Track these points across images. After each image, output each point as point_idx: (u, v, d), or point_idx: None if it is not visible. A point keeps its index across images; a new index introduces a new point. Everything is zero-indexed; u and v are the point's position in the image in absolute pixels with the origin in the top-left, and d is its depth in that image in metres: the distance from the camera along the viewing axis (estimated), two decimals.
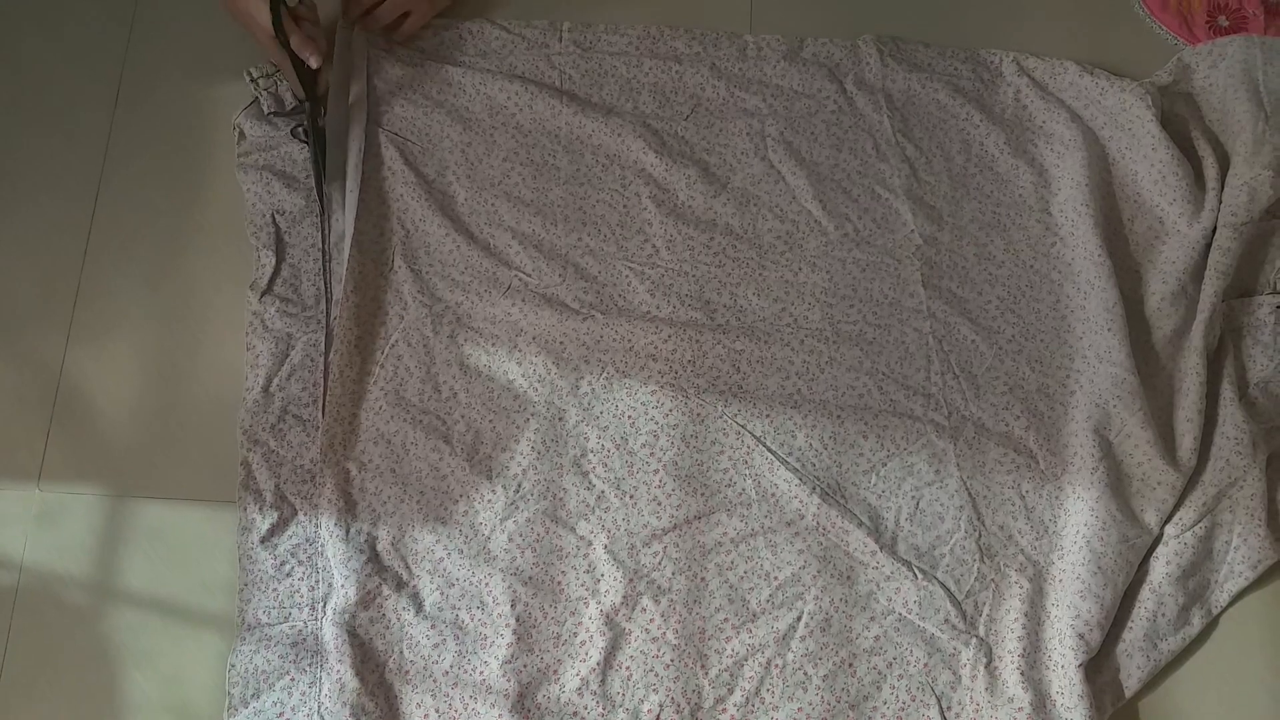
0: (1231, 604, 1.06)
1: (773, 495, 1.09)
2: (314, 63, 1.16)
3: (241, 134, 1.26)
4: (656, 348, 1.15)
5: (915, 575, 1.05)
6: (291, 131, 1.23)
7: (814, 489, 1.08)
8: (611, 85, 1.28)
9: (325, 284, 1.17)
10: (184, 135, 1.28)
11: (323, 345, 1.16)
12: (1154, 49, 1.32)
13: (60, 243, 1.23)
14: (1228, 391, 1.11)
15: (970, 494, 1.08)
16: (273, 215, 1.22)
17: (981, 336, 1.16)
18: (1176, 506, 1.07)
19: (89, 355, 1.19)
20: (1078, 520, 1.06)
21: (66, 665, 1.08)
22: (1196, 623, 1.04)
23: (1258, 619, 1.07)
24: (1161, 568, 1.05)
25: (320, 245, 1.19)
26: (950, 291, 1.19)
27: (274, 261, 1.19)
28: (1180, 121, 1.24)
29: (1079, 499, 1.07)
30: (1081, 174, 1.20)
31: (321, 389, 1.14)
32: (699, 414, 1.12)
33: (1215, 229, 1.17)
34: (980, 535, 1.06)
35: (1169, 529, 1.06)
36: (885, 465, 1.10)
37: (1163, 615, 1.04)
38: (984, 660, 1.03)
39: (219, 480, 1.13)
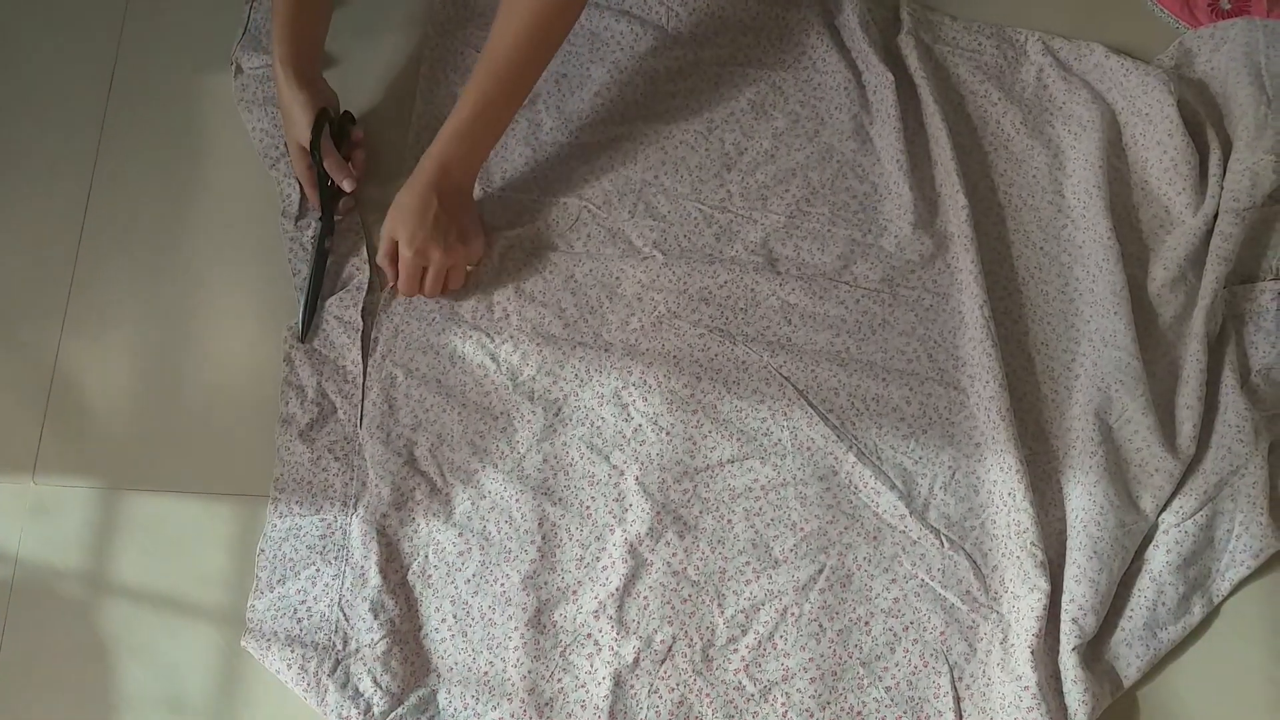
0: (1233, 593, 1.07)
1: (808, 449, 1.10)
2: (348, 186, 1.17)
3: (239, 68, 1.27)
4: (711, 292, 1.16)
5: (942, 543, 1.06)
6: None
7: (850, 447, 1.09)
8: (711, 25, 1.29)
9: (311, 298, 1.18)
10: (179, 124, 1.28)
11: (366, 255, 1.19)
12: (1155, 33, 1.30)
13: (54, 234, 1.23)
14: (1229, 378, 1.10)
15: (1004, 470, 1.07)
16: (285, 144, 1.22)
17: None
18: (1175, 494, 1.06)
19: (84, 347, 1.19)
20: (1074, 504, 1.06)
21: (62, 658, 1.08)
22: (1197, 611, 1.04)
23: (1259, 608, 1.07)
24: (1162, 556, 1.05)
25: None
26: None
27: (298, 188, 1.22)
28: (1183, 106, 1.22)
29: (1076, 483, 1.07)
30: (1097, 156, 1.19)
31: (364, 294, 1.17)
32: (744, 361, 1.13)
33: (1216, 215, 1.16)
34: (1012, 511, 1.05)
35: (1169, 517, 1.06)
36: (926, 432, 1.11)
37: (1163, 604, 1.03)
38: (1000, 636, 1.03)
39: (214, 472, 1.13)
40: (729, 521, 1.08)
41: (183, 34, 1.32)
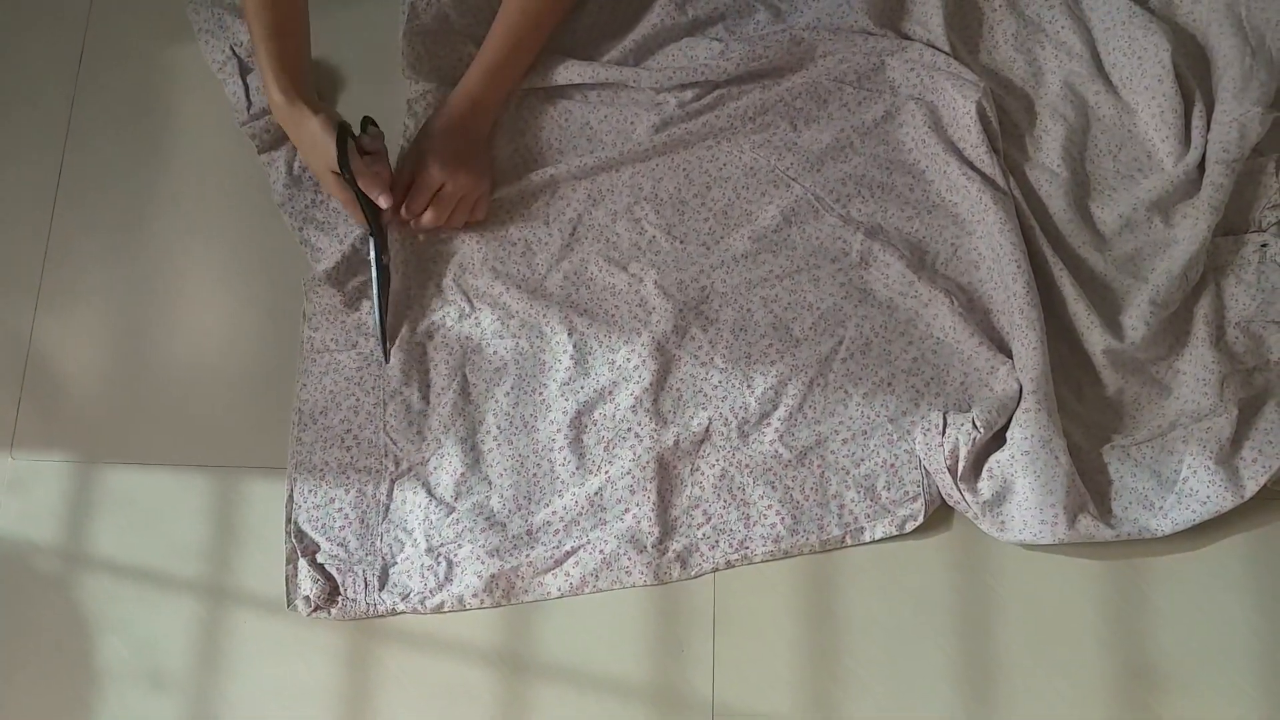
0: (1217, 542, 1.04)
1: (816, 238, 1.15)
2: (384, 202, 1.10)
3: None
4: (715, 110, 1.19)
5: (953, 302, 1.10)
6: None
7: (858, 228, 1.14)
8: None
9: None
10: (149, 98, 1.27)
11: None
12: None
13: (26, 209, 1.23)
14: (1201, 331, 1.11)
15: (1010, 246, 1.10)
16: (231, 48, 1.24)
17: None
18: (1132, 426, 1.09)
19: (58, 322, 1.18)
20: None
21: (40, 633, 1.07)
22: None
23: (1244, 560, 1.04)
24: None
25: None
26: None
27: (243, 89, 1.22)
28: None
29: None
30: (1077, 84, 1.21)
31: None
32: (752, 167, 1.17)
33: (1197, 167, 1.17)
34: (1011, 282, 1.08)
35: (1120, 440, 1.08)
36: (930, 213, 1.14)
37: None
38: (1015, 385, 1.06)
39: (190, 445, 1.13)
40: (748, 310, 1.12)
41: (154, 6, 1.29)
